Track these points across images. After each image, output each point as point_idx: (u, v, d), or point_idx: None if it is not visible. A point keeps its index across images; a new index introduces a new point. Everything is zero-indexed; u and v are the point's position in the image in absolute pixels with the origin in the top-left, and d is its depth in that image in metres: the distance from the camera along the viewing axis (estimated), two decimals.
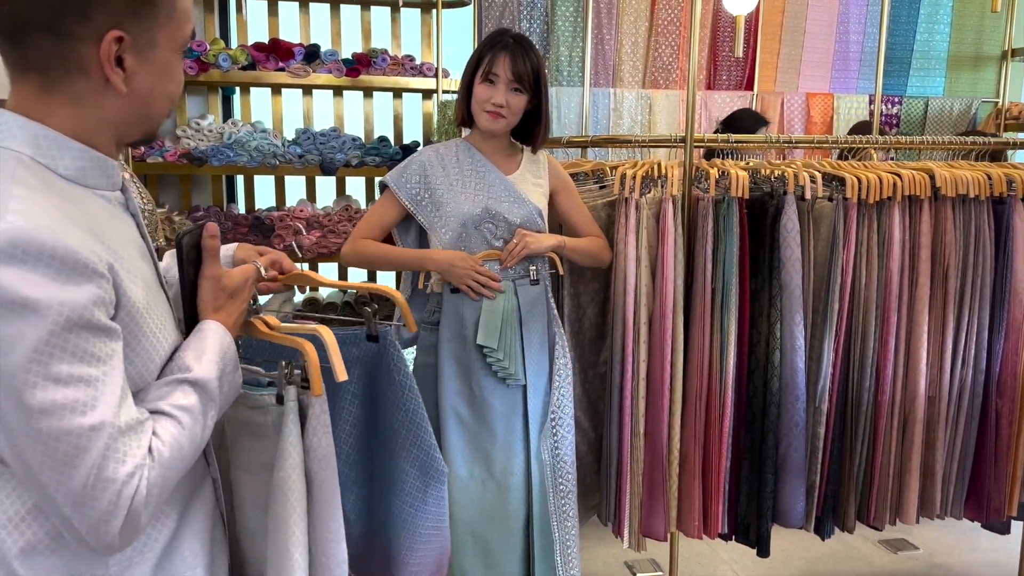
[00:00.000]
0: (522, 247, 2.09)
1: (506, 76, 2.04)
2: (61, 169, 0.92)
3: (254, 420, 1.17)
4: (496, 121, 2.09)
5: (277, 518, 1.11)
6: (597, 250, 2.27)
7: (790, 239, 2.22)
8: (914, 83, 4.79)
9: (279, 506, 1.11)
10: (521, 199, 2.14)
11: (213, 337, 1.04)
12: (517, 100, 2.08)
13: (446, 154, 2.18)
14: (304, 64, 3.70)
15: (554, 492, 2.16)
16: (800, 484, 2.32)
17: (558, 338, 2.21)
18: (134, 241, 1.01)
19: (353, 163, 3.73)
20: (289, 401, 1.13)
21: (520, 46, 2.07)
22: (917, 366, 2.34)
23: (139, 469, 0.86)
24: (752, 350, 2.31)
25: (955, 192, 2.28)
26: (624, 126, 4.38)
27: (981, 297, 2.37)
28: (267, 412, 1.16)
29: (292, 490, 1.11)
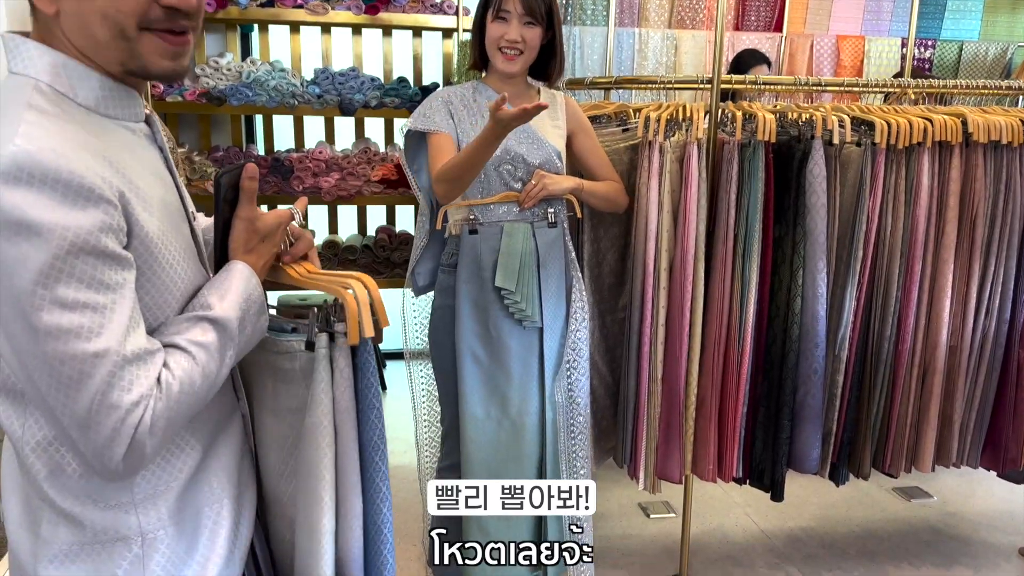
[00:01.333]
0: (540, 188, 2.07)
1: (518, 10, 2.01)
2: (80, 98, 0.91)
3: (281, 365, 1.17)
4: (513, 62, 2.05)
5: (309, 461, 1.13)
6: (615, 194, 2.24)
7: (816, 185, 2.18)
8: (948, 26, 4.65)
9: (311, 450, 1.12)
10: (539, 140, 2.11)
11: (239, 278, 1.03)
12: (532, 34, 2.04)
13: (463, 94, 2.15)
14: (322, 1, 3.64)
15: (566, 434, 2.18)
16: (816, 431, 2.32)
17: (575, 282, 2.20)
18: (157, 173, 1.00)
19: (372, 104, 3.69)
20: (320, 348, 1.13)
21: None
22: (940, 316, 2.32)
23: (145, 399, 0.86)
24: (773, 297, 2.29)
25: (987, 138, 2.23)
26: (649, 68, 4.29)
27: (1009, 246, 2.33)
28: (295, 358, 1.16)
29: (323, 435, 1.12)
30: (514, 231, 2.09)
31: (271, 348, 1.17)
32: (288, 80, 3.60)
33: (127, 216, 0.87)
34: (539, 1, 2.02)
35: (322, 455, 1.12)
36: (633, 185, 2.33)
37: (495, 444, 2.15)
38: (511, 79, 2.11)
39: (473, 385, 2.12)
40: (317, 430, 1.12)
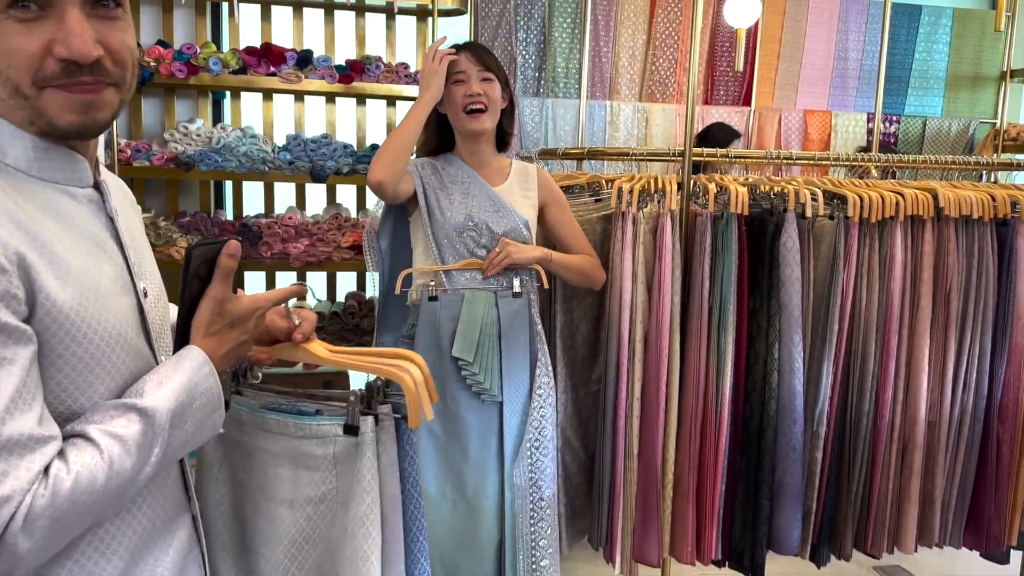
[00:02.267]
0: (504, 256, 2.03)
1: (474, 68, 2.04)
2: (10, 159, 0.85)
3: (307, 451, 1.12)
4: (479, 119, 2.05)
5: (357, 553, 1.08)
6: (588, 268, 2.20)
7: (790, 258, 2.16)
8: (912, 102, 4.77)
9: (359, 542, 1.08)
10: (506, 209, 2.09)
11: (188, 365, 0.92)
12: (492, 88, 2.05)
13: (435, 163, 2.14)
14: (296, 69, 3.64)
15: (526, 519, 2.06)
16: (796, 510, 2.25)
17: (541, 355, 2.13)
18: (97, 241, 0.91)
19: (344, 171, 3.66)
20: (366, 433, 1.09)
21: (475, 44, 2.15)
22: (917, 390, 2.28)
23: (19, 493, 0.75)
24: (749, 371, 2.25)
25: (958, 213, 2.23)
26: (620, 139, 4.33)
27: (983, 321, 2.31)
28: (328, 443, 1.11)
29: (374, 525, 1.08)
30: (475, 299, 2.03)
31: (294, 433, 1.12)
32: (259, 146, 3.57)
33: (29, 284, 0.79)
34: (492, 59, 2.08)
35: (372, 547, 1.08)
36: (606, 255, 2.29)
37: (449, 526, 2.04)
38: (479, 140, 2.10)
39: (428, 461, 2.02)
40: (367, 520, 1.08)
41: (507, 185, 2.15)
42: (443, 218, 2.06)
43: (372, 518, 1.08)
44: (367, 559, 1.06)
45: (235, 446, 1.17)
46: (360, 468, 1.08)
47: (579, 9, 4.19)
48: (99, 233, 0.93)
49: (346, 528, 1.08)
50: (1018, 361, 2.35)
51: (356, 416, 1.09)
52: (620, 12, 4.34)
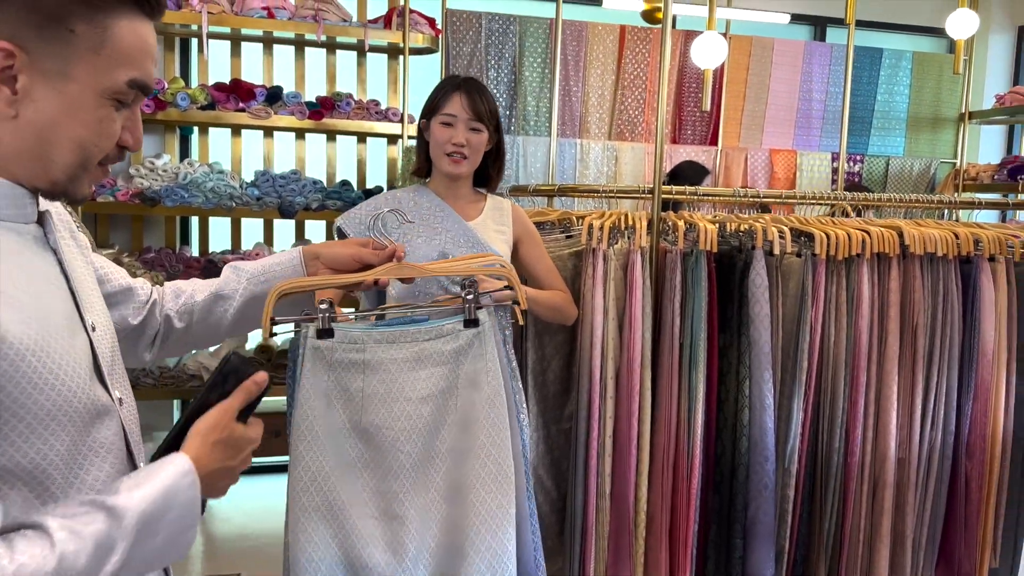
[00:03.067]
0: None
1: (464, 115, 1.99)
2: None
3: (437, 349, 1.32)
4: (459, 165, 2.02)
5: (497, 423, 1.31)
6: (561, 304, 2.17)
7: (759, 295, 2.17)
8: (875, 142, 4.87)
9: (499, 409, 1.32)
10: (481, 245, 2.06)
11: (170, 471, 0.86)
12: (478, 139, 2.02)
13: (403, 198, 2.11)
14: (266, 105, 3.63)
15: None
16: (769, 549, 2.23)
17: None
18: (46, 277, 0.89)
19: (313, 207, 3.64)
20: (485, 321, 1.35)
21: (472, 85, 2.03)
22: (887, 427, 2.29)
23: None
24: (720, 408, 2.24)
25: (923, 250, 2.26)
26: (590, 176, 4.36)
27: (950, 357, 2.33)
28: (454, 338, 1.33)
29: (503, 396, 1.33)
30: None
31: (422, 337, 1.33)
32: (226, 182, 3.54)
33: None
34: (484, 106, 2.02)
35: (504, 414, 1.32)
36: (578, 291, 2.29)
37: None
38: (455, 182, 2.08)
39: None
40: (501, 393, 1.31)
41: (481, 220, 2.13)
42: (412, 254, 2.02)
43: (502, 394, 1.30)
44: (505, 426, 1.28)
45: (352, 367, 1.31)
46: (486, 352, 1.32)
47: (548, 50, 4.24)
48: (47, 269, 0.90)
49: (482, 405, 1.29)
50: (984, 397, 2.37)
51: (473, 311, 1.33)
52: (589, 53, 4.40)
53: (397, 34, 3.79)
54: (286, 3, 3.68)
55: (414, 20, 3.82)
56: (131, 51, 0.86)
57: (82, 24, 0.83)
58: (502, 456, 1.30)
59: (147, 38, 0.88)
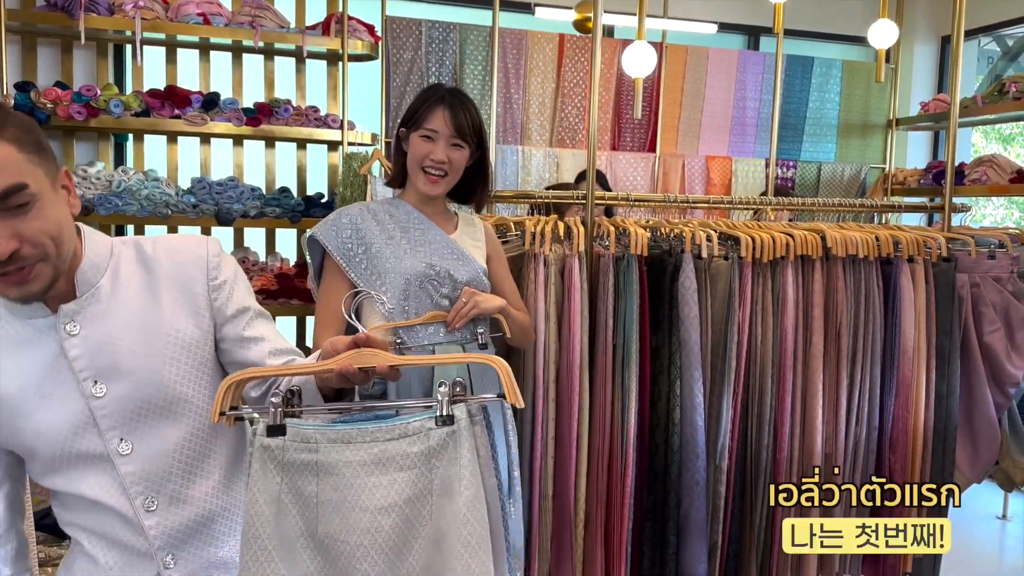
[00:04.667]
0: (472, 306, 1.91)
1: (446, 131, 1.88)
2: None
3: (400, 451, 1.12)
4: (436, 185, 1.92)
5: (471, 540, 1.09)
6: (528, 326, 2.12)
7: (688, 296, 2.23)
8: (807, 148, 5.02)
9: (475, 526, 1.08)
10: (465, 256, 1.99)
11: None
12: (459, 156, 1.92)
13: (378, 210, 2.00)
14: (202, 112, 3.59)
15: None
16: (702, 544, 2.28)
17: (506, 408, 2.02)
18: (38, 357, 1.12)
19: (252, 213, 3.60)
20: (461, 419, 1.12)
21: (457, 98, 1.93)
22: (813, 423, 2.36)
23: None
24: (653, 407, 2.29)
25: (845, 252, 2.35)
26: (532, 183, 4.41)
27: (872, 355, 2.42)
28: (423, 438, 1.12)
29: (482, 509, 1.10)
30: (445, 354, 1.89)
31: (383, 436, 1.12)
32: (162, 189, 3.49)
33: None
34: (468, 121, 1.91)
35: (484, 532, 1.09)
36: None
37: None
38: (430, 201, 2.00)
39: None
40: (476, 505, 1.09)
41: (459, 233, 2.05)
42: (399, 269, 1.91)
43: (481, 503, 1.09)
44: (483, 543, 1.07)
45: (305, 469, 1.13)
46: (461, 455, 1.10)
47: (489, 57, 4.27)
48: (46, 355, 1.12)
49: (457, 516, 1.09)
50: (905, 393, 2.46)
51: (448, 407, 1.12)
52: (529, 61, 4.45)
53: (336, 41, 3.78)
54: (222, 9, 3.65)
55: (353, 27, 3.82)
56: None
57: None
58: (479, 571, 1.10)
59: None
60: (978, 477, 2.74)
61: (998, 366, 2.64)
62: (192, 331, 1.19)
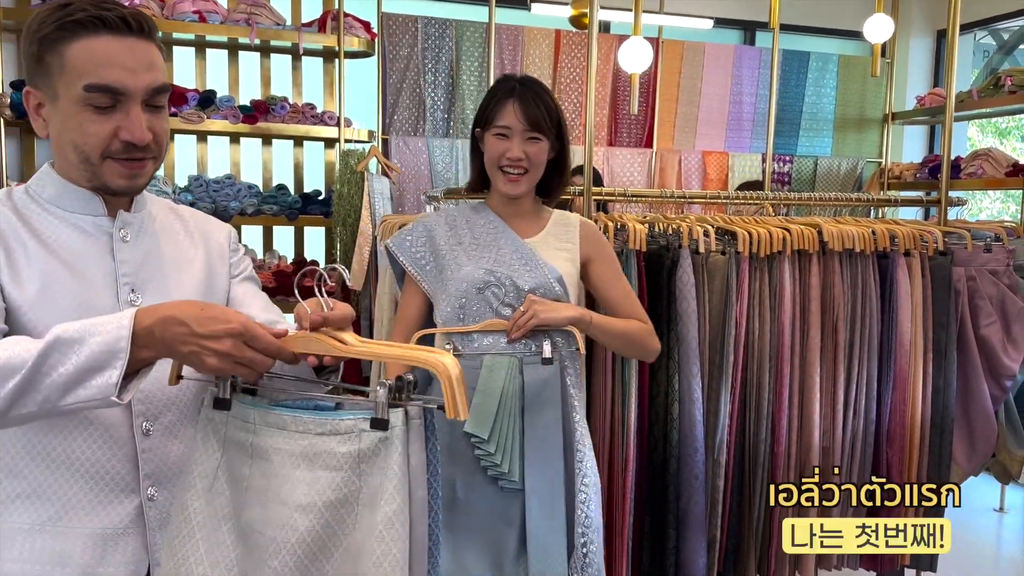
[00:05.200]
0: (530, 316, 1.72)
1: (520, 125, 1.75)
2: (44, 195, 1.17)
3: (328, 449, 1.02)
4: (516, 184, 1.78)
5: (386, 558, 0.99)
6: (636, 334, 1.87)
7: (686, 292, 2.24)
8: (803, 143, 5.03)
9: (391, 544, 0.99)
10: (535, 261, 1.81)
11: (110, 316, 0.98)
12: (537, 150, 1.77)
13: (457, 215, 1.90)
14: (198, 110, 3.59)
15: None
16: (701, 538, 2.29)
17: (580, 435, 1.79)
18: (80, 251, 1.15)
19: (249, 211, 3.61)
20: (396, 427, 1.01)
21: (529, 89, 1.78)
22: (811, 417, 2.37)
23: None
24: (652, 402, 2.29)
25: (842, 247, 2.35)
26: None
27: (869, 348, 2.43)
28: (353, 439, 1.02)
29: (404, 526, 1.00)
30: (496, 366, 1.71)
31: (313, 429, 1.02)
32: (159, 187, 3.48)
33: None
34: (543, 111, 1.76)
35: (402, 551, 0.99)
36: None
37: None
38: (515, 200, 1.85)
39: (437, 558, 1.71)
40: (397, 521, 0.99)
41: (541, 236, 1.87)
42: (458, 275, 1.79)
43: (403, 519, 0.99)
44: (397, 564, 0.98)
45: (241, 449, 1.07)
46: (390, 465, 1.00)
47: (485, 53, 4.27)
48: (84, 247, 1.15)
49: (373, 531, 0.99)
50: (902, 386, 2.47)
51: (385, 409, 1.01)
52: (526, 57, 4.45)
53: (332, 38, 3.78)
54: (218, 7, 3.64)
55: (349, 24, 3.82)
56: (84, 65, 1.07)
57: (49, 55, 1.09)
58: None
59: (99, 50, 1.08)
60: (975, 470, 2.75)
61: (994, 359, 2.65)
62: (220, 272, 1.29)
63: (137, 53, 1.10)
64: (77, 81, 1.07)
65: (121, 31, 1.09)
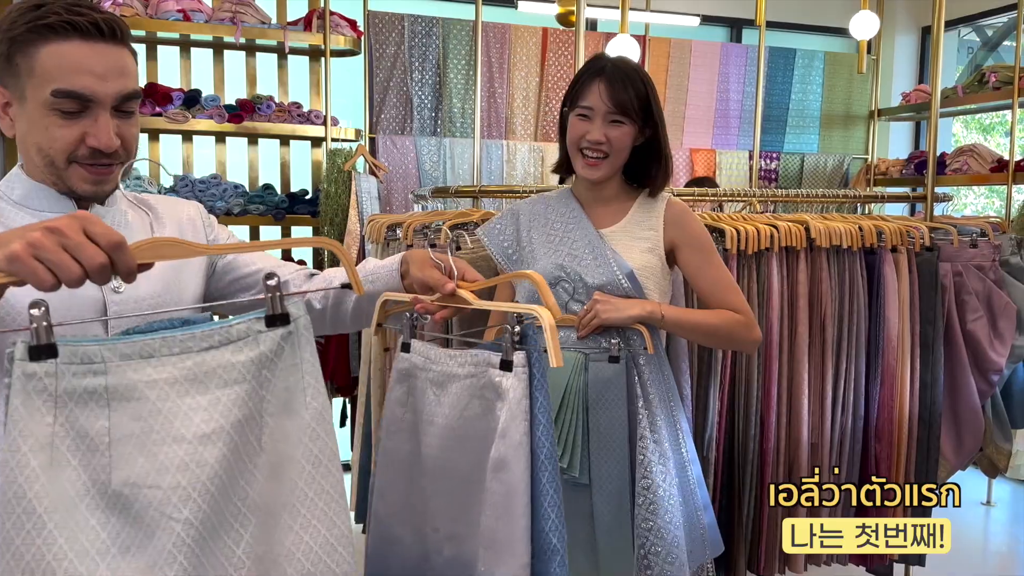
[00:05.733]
0: (592, 315, 1.68)
1: (603, 107, 1.68)
2: (14, 196, 1.15)
3: (222, 362, 0.90)
4: (595, 168, 1.72)
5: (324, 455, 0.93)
6: (722, 327, 1.76)
7: (674, 290, 2.23)
8: (790, 140, 5.04)
9: (327, 440, 0.93)
10: (603, 256, 1.74)
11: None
12: (619, 134, 1.69)
13: (542, 204, 1.86)
14: (183, 109, 3.56)
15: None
16: None
17: (649, 431, 1.74)
18: None
19: (235, 211, 3.58)
20: (300, 316, 0.93)
21: (619, 70, 1.69)
22: (799, 413, 2.38)
23: None
24: None
25: (829, 243, 2.36)
26: (517, 177, 4.40)
27: (857, 344, 2.44)
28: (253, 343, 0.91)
29: (328, 431, 0.95)
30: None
31: (193, 347, 0.89)
32: (143, 187, 3.45)
33: None
34: (630, 94, 1.68)
35: (331, 457, 0.93)
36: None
37: None
38: (598, 186, 1.79)
39: None
40: (327, 417, 0.94)
41: (620, 226, 1.80)
42: (533, 267, 1.76)
43: (328, 417, 0.90)
44: (333, 459, 0.89)
45: (89, 399, 0.86)
46: (302, 360, 0.90)
47: (472, 51, 4.26)
48: None
49: (305, 431, 0.89)
50: (890, 382, 2.48)
51: (280, 304, 0.90)
52: (513, 55, 4.44)
53: (318, 36, 3.76)
54: (202, 5, 3.62)
55: (335, 22, 3.80)
56: (53, 70, 1.06)
57: (19, 56, 1.07)
58: (334, 513, 0.91)
59: (69, 56, 1.07)
60: (962, 464, 2.77)
61: (981, 354, 2.67)
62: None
63: (108, 59, 1.09)
64: (45, 85, 1.07)
65: (93, 36, 1.08)
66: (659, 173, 1.78)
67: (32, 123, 1.09)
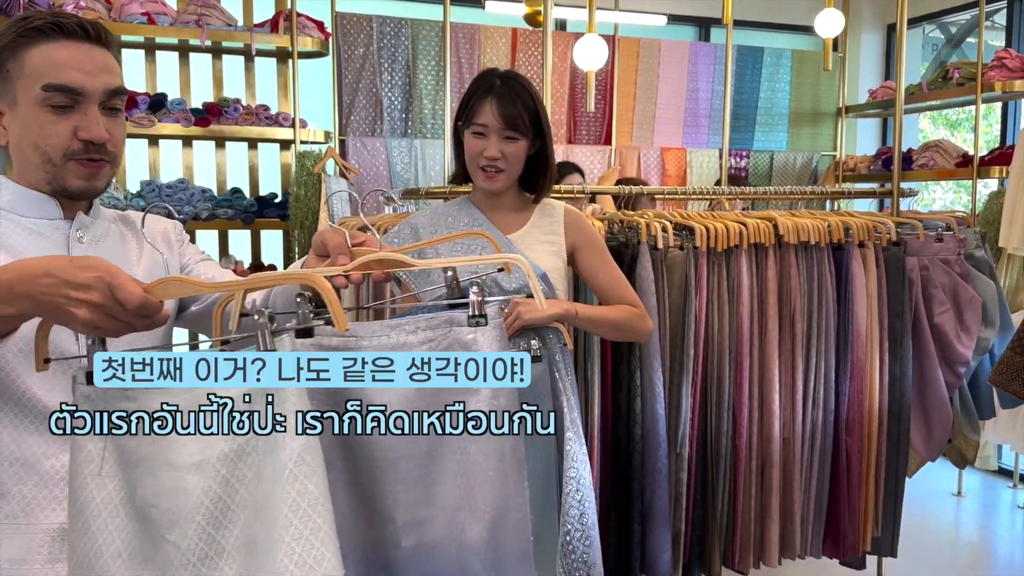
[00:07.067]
0: (514, 318, 1.73)
1: (496, 124, 1.77)
2: (2, 203, 1.18)
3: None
4: (494, 181, 1.81)
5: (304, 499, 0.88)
6: (625, 320, 1.90)
7: (646, 287, 2.24)
8: (760, 138, 5.08)
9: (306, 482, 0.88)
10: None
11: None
12: (514, 149, 1.79)
13: (444, 214, 1.93)
14: (149, 113, 3.51)
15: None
16: (666, 532, 2.30)
17: (570, 425, 1.82)
18: (37, 252, 1.13)
19: (203, 216, 3.54)
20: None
21: (509, 87, 1.79)
22: (771, 408, 2.39)
23: None
24: (615, 398, 2.30)
25: (797, 239, 2.38)
26: None
27: (826, 339, 2.46)
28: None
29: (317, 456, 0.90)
30: None
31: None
32: (110, 193, 3.40)
33: None
34: (521, 111, 1.77)
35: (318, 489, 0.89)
36: None
37: None
38: (496, 196, 1.89)
39: None
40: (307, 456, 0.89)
41: (525, 230, 1.90)
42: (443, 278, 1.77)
43: (314, 452, 0.87)
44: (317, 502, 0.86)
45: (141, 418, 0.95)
46: (286, 398, 0.88)
47: (442, 52, 4.25)
48: (47, 249, 1.17)
49: (282, 474, 0.86)
50: (860, 376, 2.51)
51: (267, 341, 0.89)
52: (483, 55, 4.43)
53: (285, 38, 3.73)
54: (167, 8, 3.57)
55: (302, 24, 3.77)
56: (42, 68, 1.12)
57: (10, 62, 1.14)
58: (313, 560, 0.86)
59: (57, 54, 1.13)
60: (932, 455, 2.81)
61: (948, 347, 2.70)
62: (173, 262, 1.34)
63: (94, 57, 1.15)
64: (36, 83, 1.12)
65: (79, 37, 1.15)
66: (545, 181, 1.90)
67: (25, 124, 1.14)
